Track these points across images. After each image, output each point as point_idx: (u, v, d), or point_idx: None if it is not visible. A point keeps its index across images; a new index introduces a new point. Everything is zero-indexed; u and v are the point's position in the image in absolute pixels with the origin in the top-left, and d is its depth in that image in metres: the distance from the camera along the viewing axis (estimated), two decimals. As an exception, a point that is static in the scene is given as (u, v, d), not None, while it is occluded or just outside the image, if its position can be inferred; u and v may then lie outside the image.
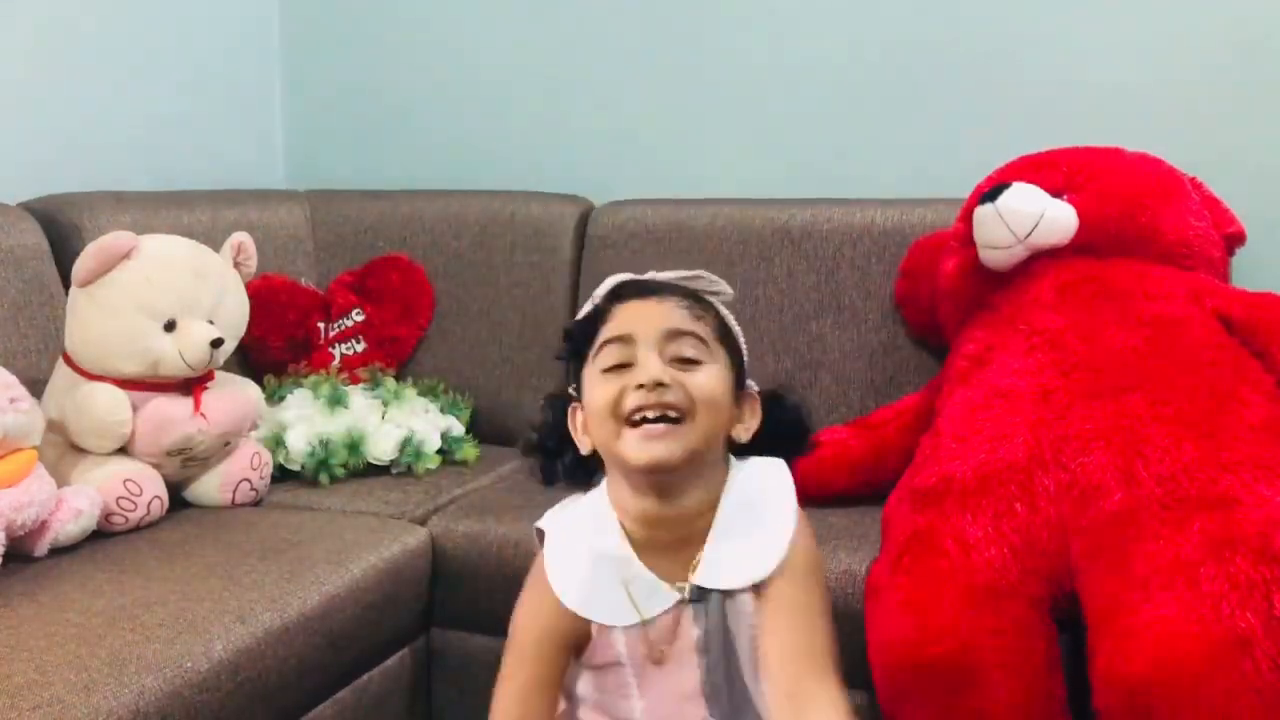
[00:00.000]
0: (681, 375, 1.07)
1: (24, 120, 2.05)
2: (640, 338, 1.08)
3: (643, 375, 1.05)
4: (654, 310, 1.10)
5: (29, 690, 1.15)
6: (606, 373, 1.08)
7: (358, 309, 2.19)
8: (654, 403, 1.05)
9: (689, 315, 1.10)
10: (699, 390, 1.06)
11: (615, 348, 1.08)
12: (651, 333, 1.08)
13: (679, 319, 1.09)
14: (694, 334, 1.09)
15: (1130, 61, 2.04)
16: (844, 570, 1.53)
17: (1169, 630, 1.27)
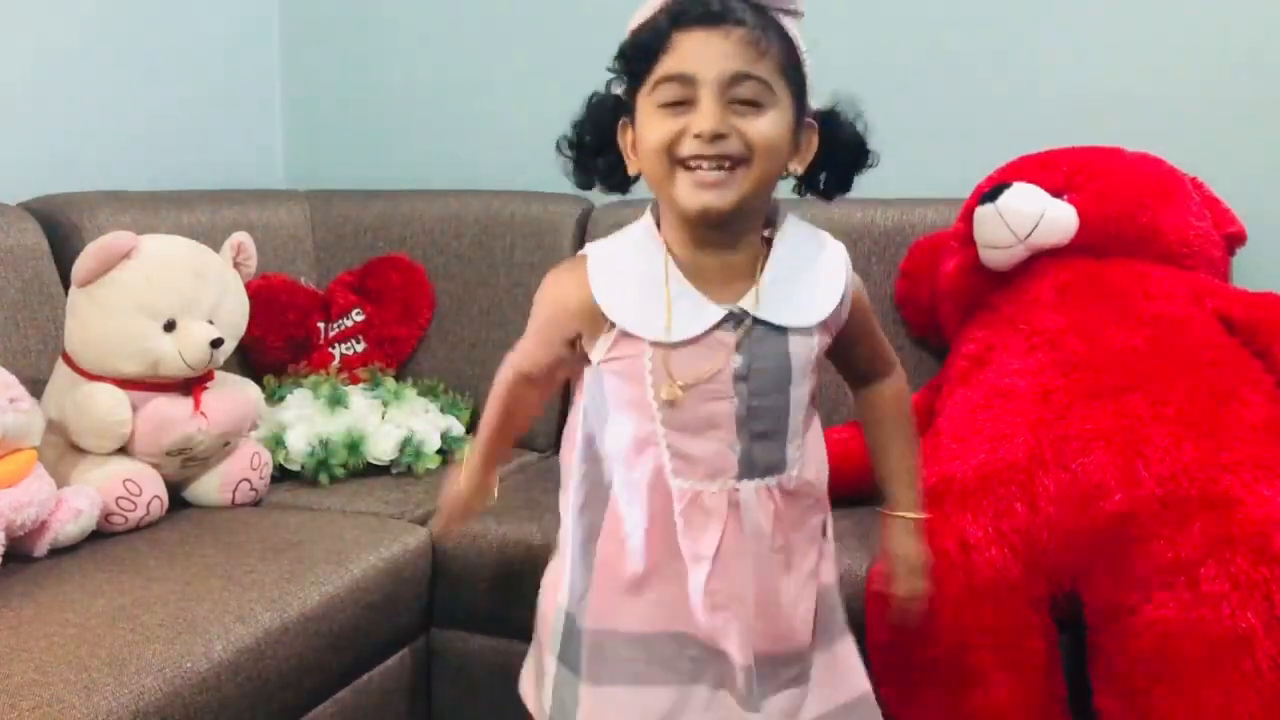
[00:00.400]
0: (741, 123, 1.04)
1: (24, 120, 2.05)
2: (702, 79, 1.03)
3: (702, 124, 1.03)
4: (718, 47, 1.04)
5: (29, 690, 1.15)
6: (663, 108, 1.05)
7: (358, 309, 2.19)
8: (712, 154, 1.04)
9: (754, 53, 1.05)
10: (759, 138, 1.05)
11: (674, 86, 1.04)
12: (713, 74, 1.03)
13: (743, 59, 1.04)
14: (757, 77, 1.05)
15: (1130, 62, 2.04)
16: (844, 570, 1.52)
17: (1169, 630, 1.27)
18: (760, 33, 1.06)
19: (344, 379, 2.06)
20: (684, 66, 1.04)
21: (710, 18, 1.04)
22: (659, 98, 1.05)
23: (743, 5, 1.06)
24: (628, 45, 1.09)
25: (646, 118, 1.07)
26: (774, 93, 1.07)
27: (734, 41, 1.04)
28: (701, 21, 1.04)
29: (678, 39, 1.04)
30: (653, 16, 1.07)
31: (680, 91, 1.04)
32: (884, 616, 1.43)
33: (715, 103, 1.03)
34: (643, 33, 1.07)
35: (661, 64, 1.04)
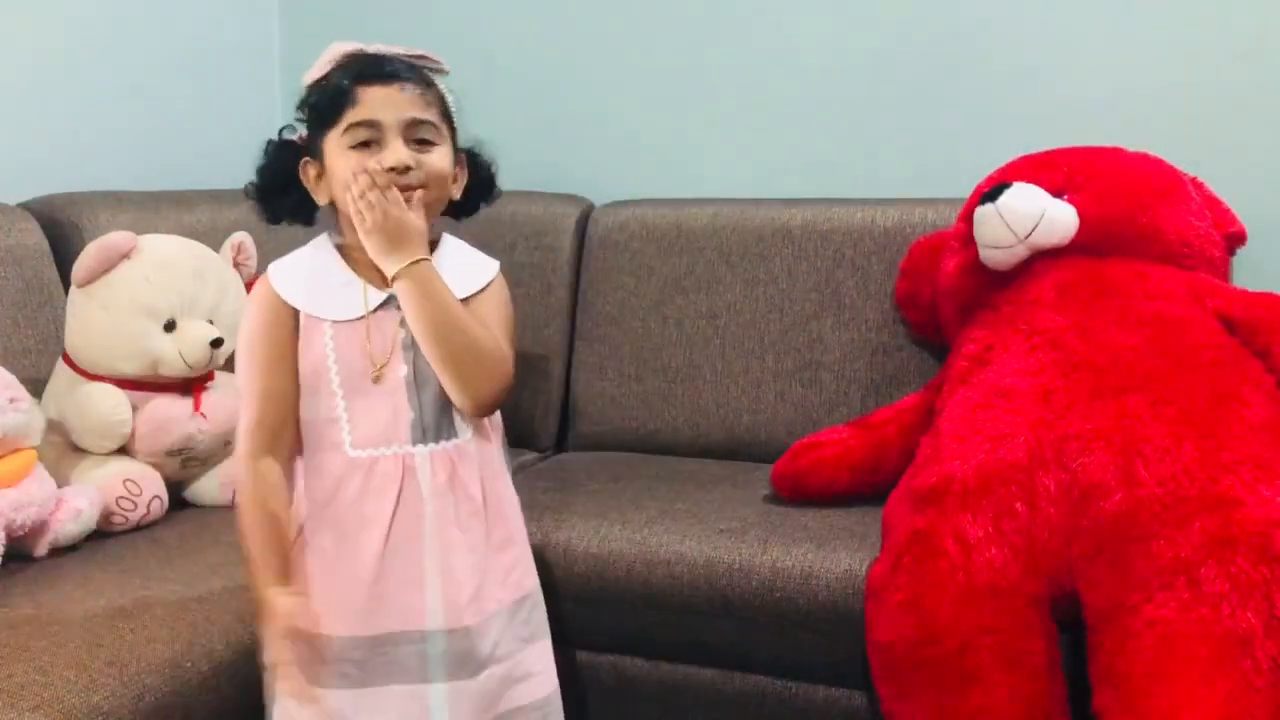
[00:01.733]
0: (420, 156, 1.26)
1: (24, 120, 2.05)
2: (387, 124, 1.25)
3: (392, 159, 1.24)
4: (397, 98, 1.26)
5: (29, 690, 1.15)
6: (353, 148, 1.25)
7: (358, 309, 2.19)
8: (402, 184, 1.24)
9: (423, 102, 1.28)
10: (433, 169, 1.27)
11: (364, 130, 1.25)
12: (396, 120, 1.25)
13: (418, 107, 1.27)
14: (429, 121, 1.28)
15: (1131, 62, 2.04)
16: (844, 570, 1.53)
17: (1169, 630, 1.27)
18: (424, 87, 1.29)
19: (344, 379, 2.06)
20: (372, 114, 1.25)
21: (386, 77, 1.27)
22: (350, 140, 1.25)
23: (406, 67, 1.29)
24: (315, 98, 1.29)
25: (339, 156, 1.26)
26: (441, 133, 1.29)
27: (408, 94, 1.27)
28: (380, 79, 1.27)
29: (361, 93, 1.26)
30: (330, 74, 1.29)
31: (369, 134, 1.25)
32: (884, 617, 1.43)
33: (399, 139, 1.25)
34: (327, 88, 1.28)
35: (350, 113, 1.25)
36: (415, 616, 1.24)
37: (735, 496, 1.80)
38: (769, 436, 2.03)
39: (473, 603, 1.26)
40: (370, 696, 1.24)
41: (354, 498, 1.24)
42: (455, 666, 1.26)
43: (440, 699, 1.25)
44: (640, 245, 2.15)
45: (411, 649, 1.24)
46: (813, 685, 1.60)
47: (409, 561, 1.24)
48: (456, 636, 1.25)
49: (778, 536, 1.61)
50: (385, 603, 1.24)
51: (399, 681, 1.24)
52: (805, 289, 2.05)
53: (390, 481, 1.24)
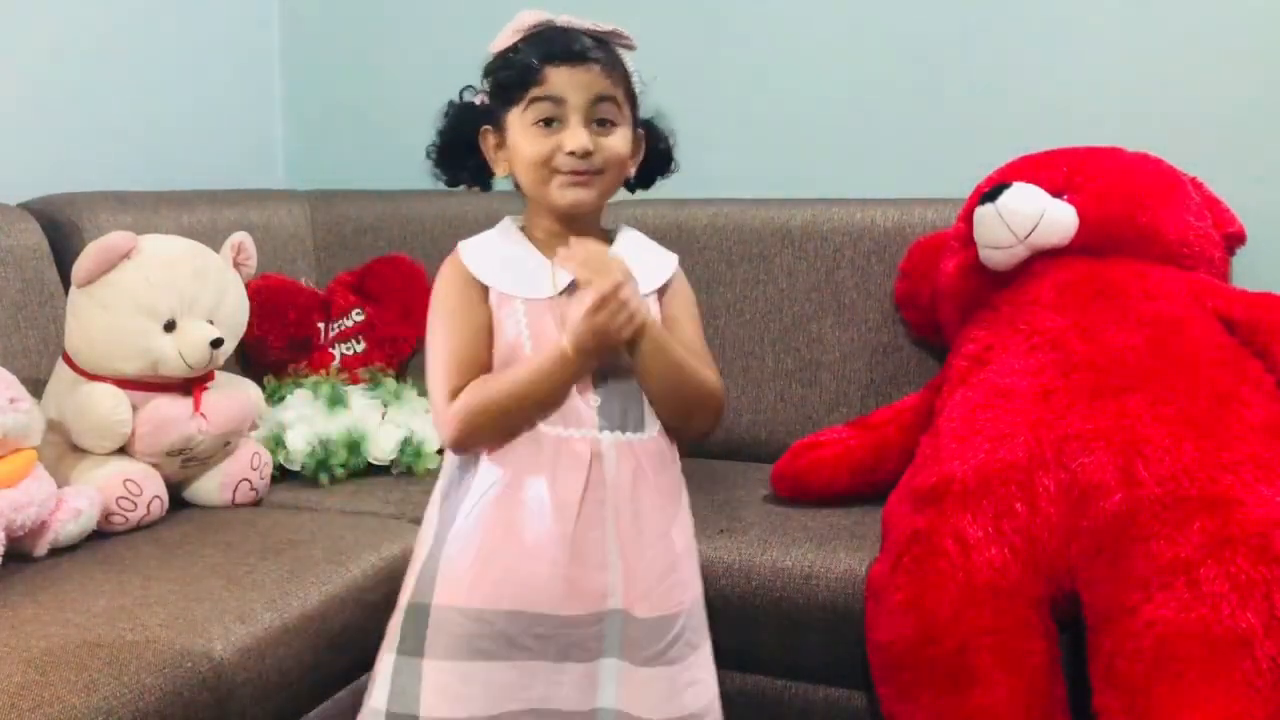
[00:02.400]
0: (601, 139, 1.26)
1: (24, 120, 2.05)
2: (571, 104, 1.25)
3: (573, 142, 1.24)
4: (582, 79, 1.25)
5: (29, 690, 1.15)
6: (536, 125, 1.25)
7: (358, 309, 2.19)
8: (583, 169, 1.26)
9: (609, 83, 1.27)
10: (613, 151, 1.27)
11: (548, 106, 1.25)
12: (580, 101, 1.25)
13: (602, 87, 1.26)
14: (612, 98, 1.27)
15: (1131, 62, 2.04)
16: (844, 570, 1.53)
17: (1169, 630, 1.27)
18: (610, 66, 1.28)
19: (344, 379, 2.06)
20: (556, 92, 1.25)
21: (574, 56, 1.26)
22: (533, 116, 1.26)
23: (594, 44, 1.28)
24: (500, 71, 1.29)
25: (521, 133, 1.27)
26: (623, 113, 1.29)
27: (594, 74, 1.26)
28: (567, 59, 1.25)
29: (549, 72, 1.25)
30: (516, 47, 1.28)
31: (552, 111, 1.25)
32: (884, 617, 1.43)
33: (583, 125, 1.25)
34: (514, 62, 1.27)
35: (534, 91, 1.25)
36: (599, 599, 1.23)
37: (735, 496, 1.80)
38: (769, 436, 2.04)
39: (650, 596, 1.24)
40: (546, 670, 1.22)
41: (544, 477, 1.23)
42: (628, 649, 1.24)
43: (610, 673, 1.24)
44: (640, 245, 2.15)
45: (592, 629, 1.23)
46: (813, 685, 1.60)
47: (596, 545, 1.23)
48: (631, 622, 1.24)
49: (778, 536, 1.61)
50: (576, 586, 1.22)
51: (576, 659, 1.23)
52: (805, 289, 2.05)
53: (580, 463, 1.22)
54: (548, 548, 1.21)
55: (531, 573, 1.22)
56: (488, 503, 1.24)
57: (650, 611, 1.25)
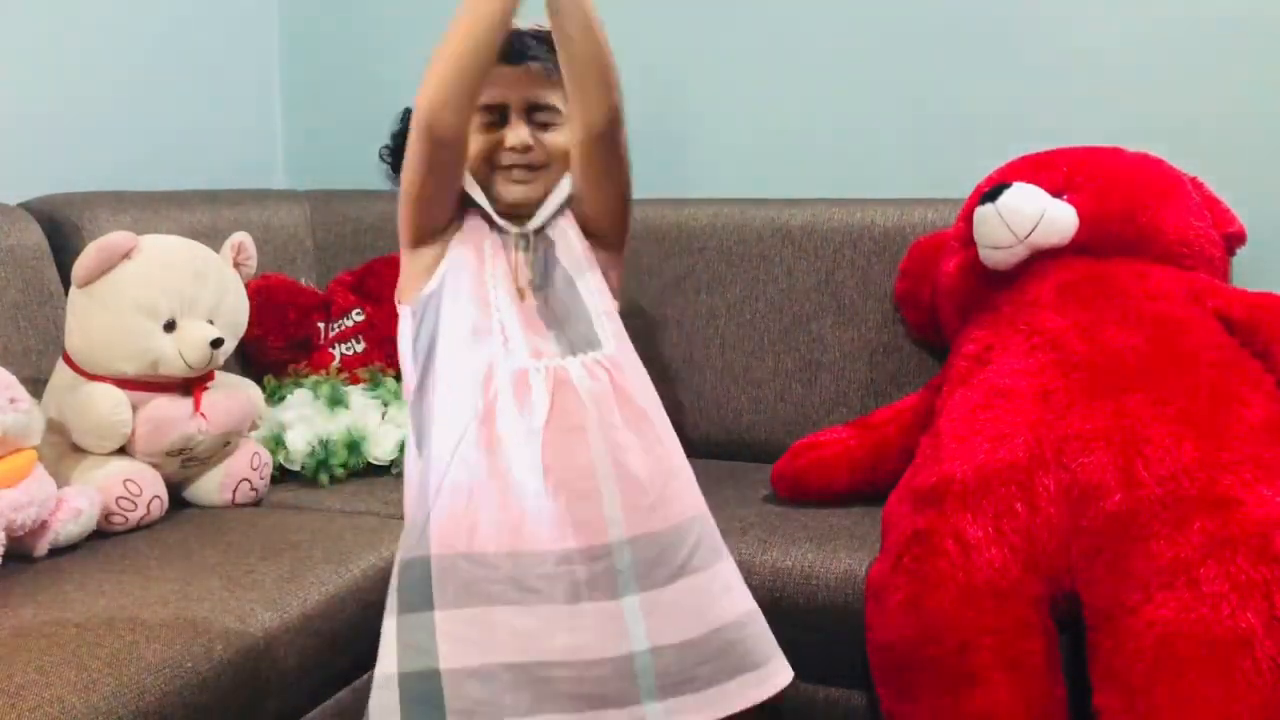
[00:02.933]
0: (541, 136, 1.32)
1: (24, 120, 2.05)
2: (512, 102, 1.31)
3: (514, 140, 1.31)
4: (522, 79, 1.31)
5: (29, 690, 1.15)
6: (481, 124, 1.31)
7: (358, 309, 2.19)
8: (523, 163, 1.32)
9: (548, 82, 1.31)
10: (554, 147, 1.33)
11: (491, 113, 1.31)
12: (519, 99, 1.31)
13: (542, 89, 1.32)
14: (551, 104, 1.32)
15: (1130, 61, 2.04)
16: (844, 570, 1.53)
17: (1169, 630, 1.27)
18: (553, 67, 1.29)
19: (344, 379, 2.06)
20: (496, 98, 1.30)
21: (515, 56, 1.30)
22: (478, 120, 1.30)
23: (536, 43, 1.32)
24: None
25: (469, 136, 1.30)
26: (561, 111, 1.32)
27: (534, 73, 1.31)
28: (507, 59, 1.29)
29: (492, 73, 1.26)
30: None
31: (494, 114, 1.31)
32: (884, 617, 1.43)
33: (522, 120, 1.32)
34: None
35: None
36: (597, 532, 1.20)
37: (735, 496, 1.80)
38: (769, 436, 2.04)
39: (659, 507, 1.23)
40: (563, 614, 1.19)
41: (513, 411, 1.22)
42: (647, 577, 1.21)
43: (634, 612, 1.20)
44: (640, 245, 2.15)
45: (599, 565, 1.20)
46: (813, 685, 1.60)
47: (579, 473, 1.21)
48: (641, 544, 1.21)
49: (778, 536, 1.61)
50: (565, 518, 1.20)
51: (590, 599, 1.19)
52: (805, 289, 2.05)
53: (542, 393, 1.23)
54: (529, 480, 1.20)
55: (519, 509, 1.20)
56: (466, 446, 1.23)
57: (663, 523, 1.23)
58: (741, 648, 1.26)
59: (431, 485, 1.25)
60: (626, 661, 1.19)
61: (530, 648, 1.19)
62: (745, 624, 1.27)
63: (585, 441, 1.22)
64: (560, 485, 1.20)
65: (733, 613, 1.26)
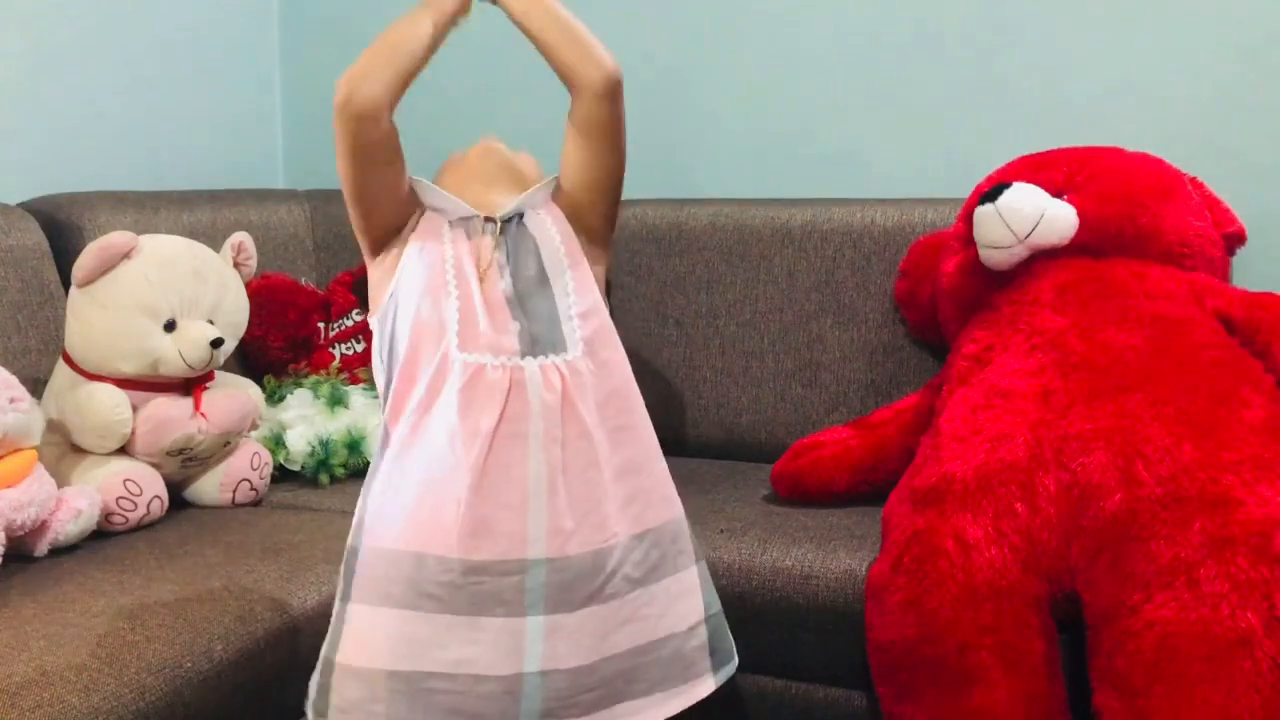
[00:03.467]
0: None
1: (24, 120, 2.05)
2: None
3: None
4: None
5: (29, 690, 1.15)
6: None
7: (358, 309, 2.19)
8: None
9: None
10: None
11: None
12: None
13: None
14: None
15: (1130, 61, 2.04)
16: (844, 570, 1.53)
17: (1169, 630, 1.27)
18: None
19: (344, 379, 2.06)
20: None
21: None
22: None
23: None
24: None
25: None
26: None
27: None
28: None
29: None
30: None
31: None
32: (884, 617, 1.43)
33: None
34: None
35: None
36: (515, 546, 1.17)
37: (735, 496, 1.80)
38: (769, 436, 2.04)
39: (577, 533, 1.20)
40: (461, 626, 1.17)
41: (457, 407, 1.19)
42: (556, 599, 1.19)
43: (537, 633, 1.18)
44: (640, 245, 2.15)
45: (510, 580, 1.17)
46: (813, 685, 1.60)
47: (511, 484, 1.18)
48: (557, 566, 1.18)
49: (778, 536, 1.61)
50: (484, 527, 1.17)
51: (493, 614, 1.17)
52: (805, 289, 2.05)
53: (496, 393, 1.19)
54: (452, 482, 1.17)
55: (437, 510, 1.17)
56: (405, 434, 1.21)
57: (581, 548, 1.19)
58: (625, 677, 1.24)
59: (377, 473, 1.24)
60: (516, 681, 1.18)
61: (414, 654, 1.17)
62: (646, 651, 1.25)
63: (525, 453, 1.19)
64: (490, 493, 1.18)
65: (630, 643, 1.24)
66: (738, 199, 2.18)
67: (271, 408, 1.94)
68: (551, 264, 1.31)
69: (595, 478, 1.23)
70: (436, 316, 1.24)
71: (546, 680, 1.19)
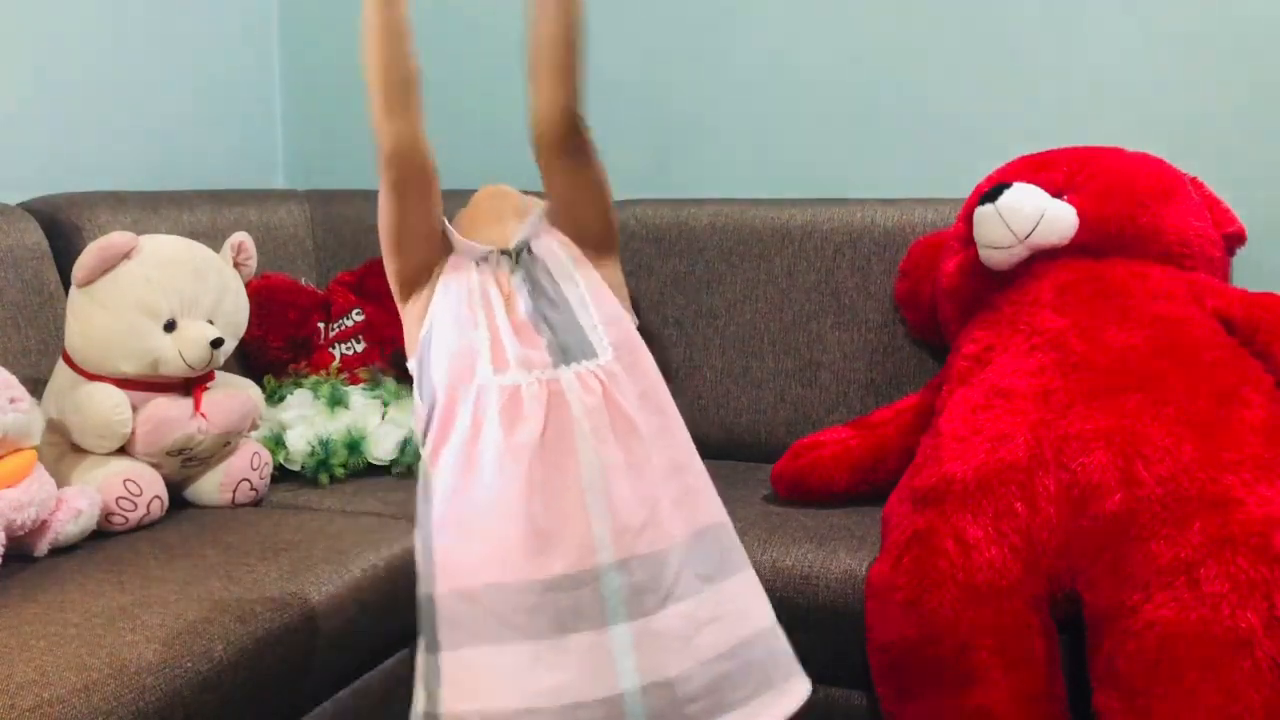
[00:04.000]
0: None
1: (24, 120, 2.05)
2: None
3: None
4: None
5: (29, 690, 1.15)
6: None
7: (358, 309, 2.19)
8: None
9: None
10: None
11: None
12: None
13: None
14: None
15: (1130, 61, 2.04)
16: (844, 570, 1.53)
17: (1169, 630, 1.27)
18: None
19: (344, 379, 2.06)
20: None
21: None
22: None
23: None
24: None
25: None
26: None
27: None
28: None
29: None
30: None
31: None
32: (884, 617, 1.43)
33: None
34: None
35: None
36: (585, 554, 1.15)
37: (735, 496, 1.79)
38: (769, 436, 2.04)
39: (644, 531, 1.17)
40: (548, 650, 1.14)
41: (500, 428, 1.18)
42: (636, 603, 1.15)
43: (624, 642, 1.15)
44: (640, 245, 2.15)
45: (586, 591, 1.14)
46: (813, 685, 1.60)
47: (568, 491, 1.16)
48: (632, 566, 1.16)
49: (778, 536, 1.61)
50: (550, 541, 1.15)
51: (576, 630, 1.14)
52: (805, 289, 2.05)
53: (536, 407, 1.18)
54: (507, 501, 1.15)
55: (501, 536, 1.16)
56: (456, 471, 1.19)
57: (650, 546, 1.17)
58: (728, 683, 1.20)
59: (434, 519, 1.21)
60: (616, 703, 1.14)
61: (510, 691, 1.14)
62: (738, 651, 1.22)
63: (575, 458, 1.18)
64: (548, 504, 1.16)
65: (722, 642, 1.21)
66: (738, 199, 2.18)
67: (271, 408, 1.94)
68: (564, 280, 1.32)
69: (650, 475, 1.21)
70: (467, 345, 1.24)
71: (647, 696, 1.15)
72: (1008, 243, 1.67)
